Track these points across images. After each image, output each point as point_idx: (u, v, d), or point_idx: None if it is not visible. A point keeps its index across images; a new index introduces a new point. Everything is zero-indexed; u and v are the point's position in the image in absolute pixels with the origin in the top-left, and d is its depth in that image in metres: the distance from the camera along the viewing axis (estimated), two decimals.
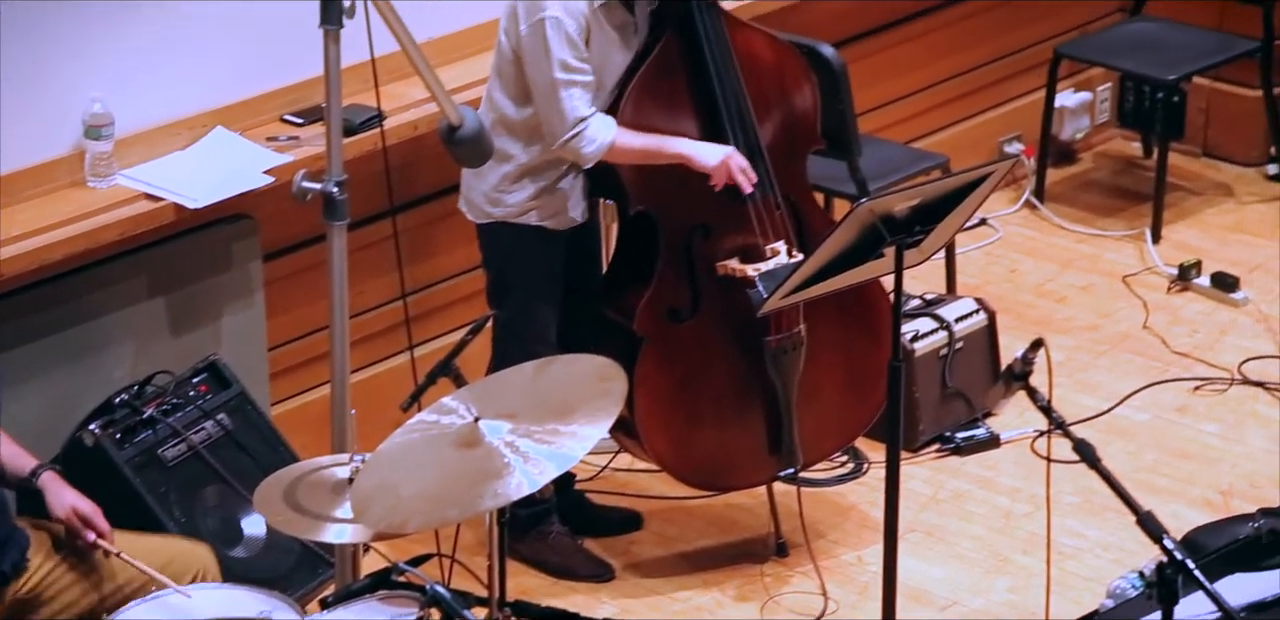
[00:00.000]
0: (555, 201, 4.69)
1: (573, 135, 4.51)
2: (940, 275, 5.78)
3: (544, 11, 4.44)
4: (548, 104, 4.51)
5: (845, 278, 4.33)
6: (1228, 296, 5.91)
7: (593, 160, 4.57)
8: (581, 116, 4.50)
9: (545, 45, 4.45)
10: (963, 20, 6.34)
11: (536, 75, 4.50)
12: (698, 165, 4.59)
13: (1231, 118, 6.60)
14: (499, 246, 4.75)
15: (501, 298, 4.78)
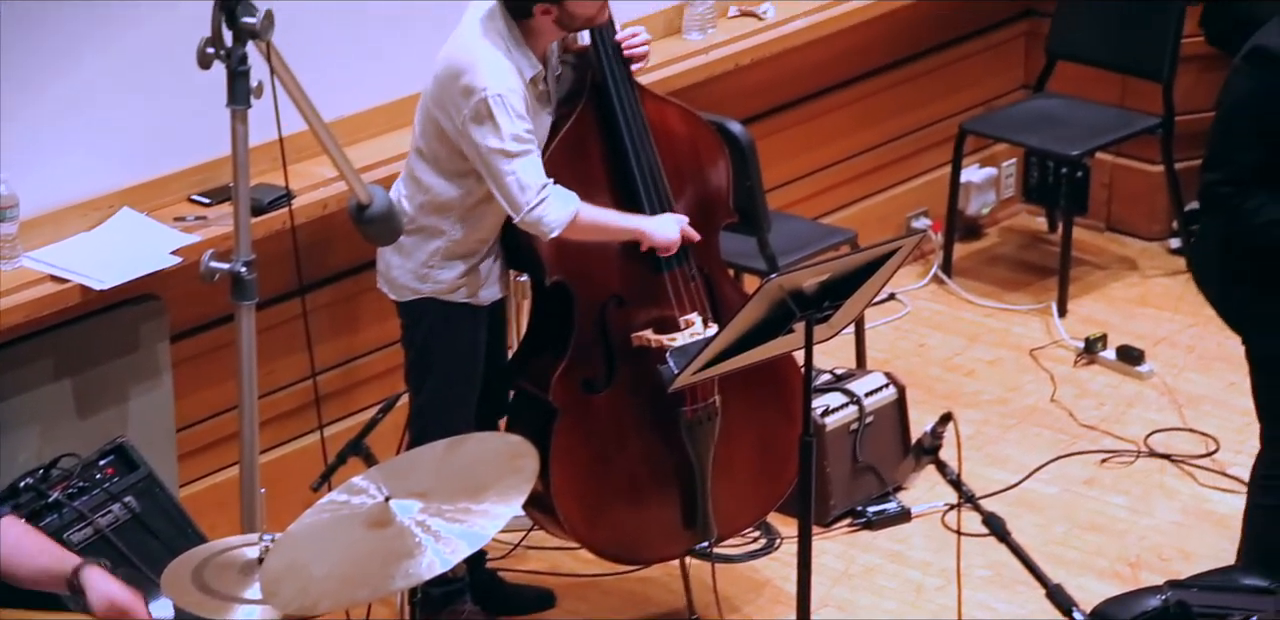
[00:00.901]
0: (481, 277, 4.68)
1: (537, 204, 4.47)
2: (850, 350, 5.81)
3: (484, 90, 4.42)
4: (505, 180, 4.47)
5: (756, 353, 4.34)
6: (1133, 369, 5.97)
7: (556, 231, 4.51)
8: (543, 184, 4.48)
9: (495, 122, 4.42)
10: (869, 97, 6.40)
11: (488, 154, 4.46)
12: (658, 242, 4.60)
13: (1134, 193, 6.68)
14: (425, 324, 4.72)
15: (423, 377, 4.76)
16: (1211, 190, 4.38)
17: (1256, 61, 4.29)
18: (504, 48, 4.47)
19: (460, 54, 4.48)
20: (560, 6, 4.44)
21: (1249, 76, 4.31)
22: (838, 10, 6.06)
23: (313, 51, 4.82)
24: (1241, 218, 4.35)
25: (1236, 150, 4.34)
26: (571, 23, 4.49)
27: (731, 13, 5.94)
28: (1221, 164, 4.36)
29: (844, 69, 6.29)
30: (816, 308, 4.26)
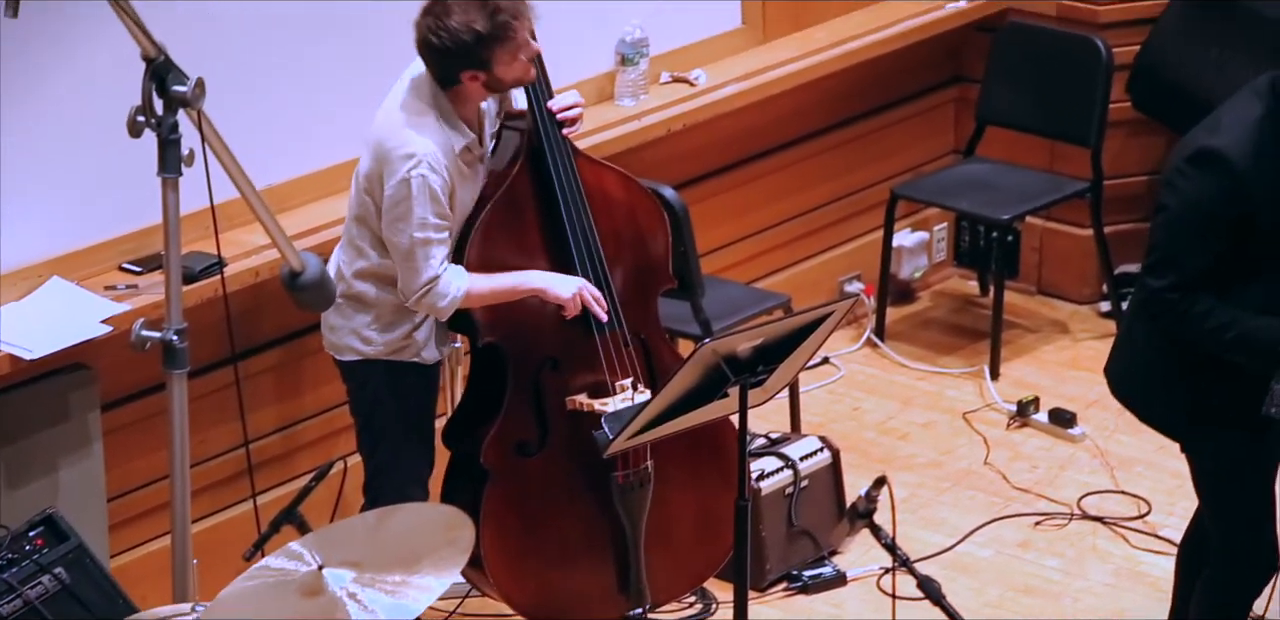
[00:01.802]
0: (421, 340, 4.68)
1: (425, 292, 4.51)
2: (784, 414, 5.82)
3: (412, 170, 4.43)
4: (404, 261, 4.51)
5: (691, 418, 4.35)
6: (1066, 432, 5.99)
7: (448, 313, 4.58)
8: (435, 275, 4.51)
9: (409, 204, 4.44)
10: (801, 162, 6.44)
11: (394, 232, 4.49)
12: (552, 297, 4.61)
13: (1064, 256, 6.73)
14: (370, 387, 4.71)
15: (374, 441, 4.74)
16: (1157, 297, 4.27)
17: (1200, 163, 4.21)
18: (433, 119, 4.49)
19: (388, 129, 4.49)
20: (488, 72, 4.45)
21: (1196, 180, 4.21)
22: (769, 76, 6.10)
23: (245, 119, 4.82)
24: (1190, 323, 4.27)
25: (1183, 254, 4.24)
26: (500, 85, 4.51)
27: (663, 79, 5.98)
28: (1168, 269, 4.25)
29: (776, 134, 6.33)
30: (751, 372, 4.27)
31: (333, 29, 4.55)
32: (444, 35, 4.37)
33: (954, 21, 6.57)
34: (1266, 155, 4.19)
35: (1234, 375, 4.34)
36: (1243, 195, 4.18)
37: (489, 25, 4.37)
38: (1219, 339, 4.26)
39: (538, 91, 4.67)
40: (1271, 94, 4.23)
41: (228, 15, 4.92)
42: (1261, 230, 4.23)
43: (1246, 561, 4.52)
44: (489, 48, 4.40)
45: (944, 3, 6.58)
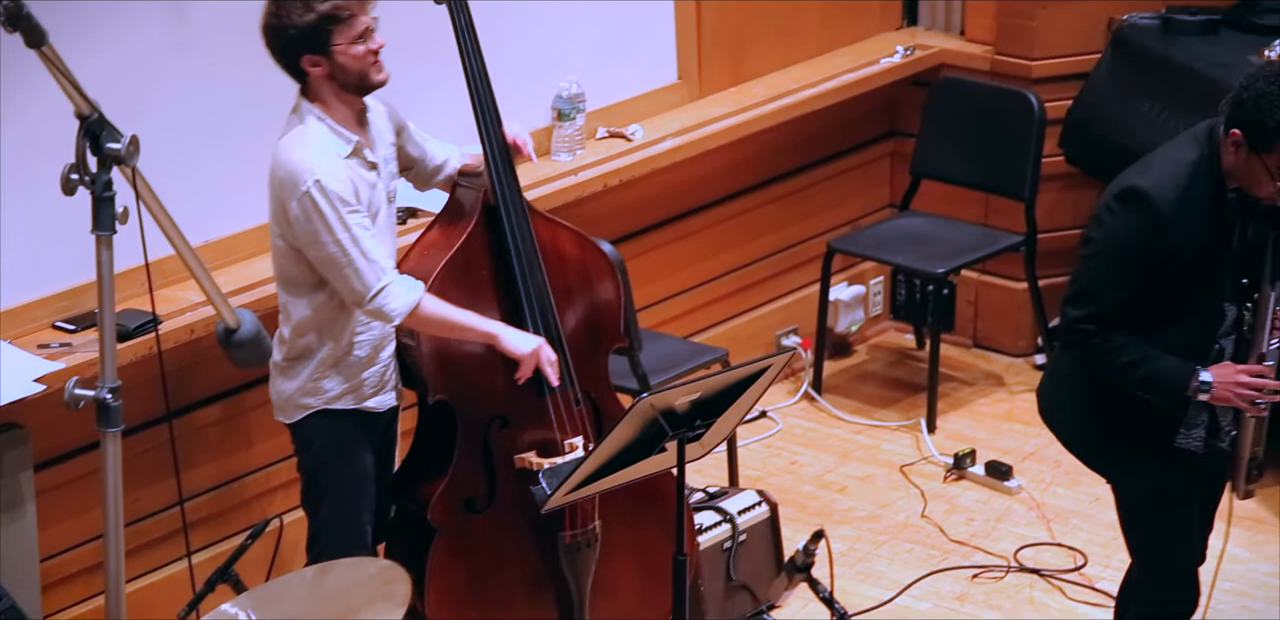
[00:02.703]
0: (369, 385, 4.64)
1: (378, 291, 4.44)
2: (722, 468, 5.82)
3: (304, 184, 4.39)
4: (342, 270, 4.43)
5: (629, 473, 4.34)
6: (1002, 485, 6.01)
7: (401, 317, 4.48)
8: (382, 268, 4.45)
9: (318, 213, 4.38)
10: (738, 216, 6.46)
11: (318, 248, 4.42)
12: (506, 348, 4.57)
13: (999, 309, 6.76)
14: (315, 446, 4.67)
15: (318, 499, 4.70)
16: (1073, 327, 4.36)
17: (1128, 202, 4.27)
18: (310, 130, 4.45)
19: (277, 152, 4.47)
20: (329, 59, 4.41)
21: (1121, 217, 4.28)
22: (705, 131, 6.13)
23: (182, 175, 4.82)
24: (1103, 357, 4.35)
25: (1103, 289, 4.32)
26: (346, 78, 4.44)
27: (600, 134, 6.00)
28: (1087, 302, 4.34)
29: (713, 189, 6.36)
30: (688, 426, 4.27)
31: (268, 85, 4.54)
32: (283, 15, 4.37)
33: (889, 76, 6.62)
34: (1194, 199, 4.25)
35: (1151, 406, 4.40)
36: (1164, 236, 4.25)
37: (328, 6, 4.37)
38: (1129, 375, 4.35)
39: (493, 148, 4.65)
40: (1208, 140, 4.28)
41: (162, 70, 4.91)
42: (1181, 273, 4.30)
43: (1167, 596, 4.55)
44: (327, 29, 4.37)
45: (879, 57, 6.63)
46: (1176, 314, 4.34)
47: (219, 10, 4.97)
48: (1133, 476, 4.52)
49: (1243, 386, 4.31)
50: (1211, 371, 4.31)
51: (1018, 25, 6.52)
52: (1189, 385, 4.31)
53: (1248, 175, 4.23)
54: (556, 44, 5.83)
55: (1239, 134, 4.19)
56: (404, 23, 4.87)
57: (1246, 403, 4.33)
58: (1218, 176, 4.26)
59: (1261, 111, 4.14)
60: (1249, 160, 4.20)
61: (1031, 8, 6.48)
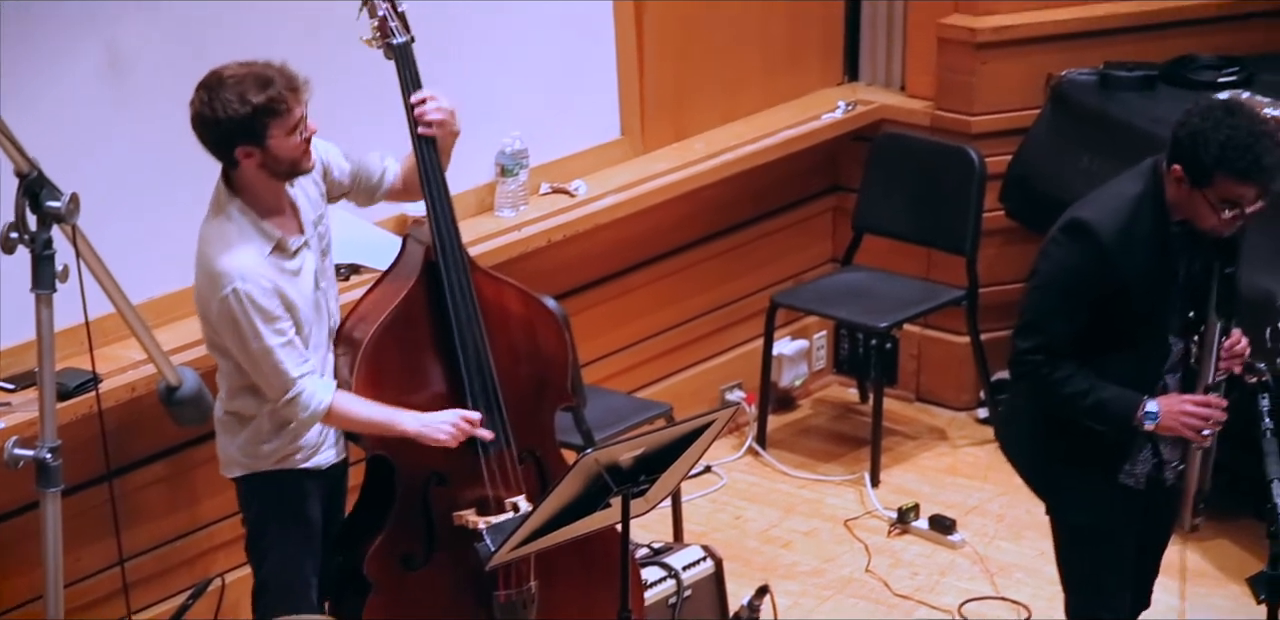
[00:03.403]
0: (309, 445, 4.62)
1: (290, 397, 4.47)
2: (667, 523, 5.81)
3: (225, 287, 4.39)
4: (257, 373, 4.46)
5: (573, 528, 4.34)
6: (945, 538, 6.02)
7: (310, 425, 4.53)
8: (294, 377, 4.46)
9: (235, 321, 4.39)
10: (682, 271, 6.48)
11: (237, 349, 4.45)
12: (429, 442, 4.57)
13: (942, 363, 6.79)
14: (258, 500, 4.65)
15: (262, 554, 4.68)
16: (1021, 358, 4.44)
17: (1073, 233, 4.36)
18: (233, 229, 4.43)
19: (201, 245, 4.45)
20: (262, 150, 4.39)
21: (1065, 247, 4.38)
22: (648, 187, 6.15)
23: (123, 233, 4.80)
24: (1050, 387, 4.43)
25: (1050, 320, 4.40)
26: (278, 167, 4.43)
27: (543, 190, 6.01)
28: (1034, 333, 4.42)
29: (656, 244, 6.37)
30: (633, 482, 4.28)
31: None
32: (218, 107, 4.33)
33: (831, 132, 6.66)
34: (1138, 231, 4.33)
35: (1099, 437, 4.44)
36: (1109, 268, 4.32)
37: (263, 98, 4.34)
38: (1076, 405, 4.41)
39: (436, 205, 4.65)
40: (1153, 174, 4.37)
41: (102, 128, 4.91)
42: (1128, 305, 4.36)
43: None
44: (263, 121, 4.35)
45: (820, 113, 6.67)
46: (1124, 347, 4.41)
47: (158, 67, 4.97)
48: (1071, 507, 4.58)
49: (1189, 415, 4.38)
50: (1158, 401, 4.37)
51: (957, 81, 6.57)
52: (1135, 415, 4.37)
53: (1191, 208, 4.31)
54: (499, 100, 5.84)
55: (1179, 169, 4.28)
56: (350, 79, 4.88)
57: (1192, 432, 4.38)
58: (1162, 209, 4.34)
59: (1197, 147, 4.23)
60: (1191, 194, 4.29)
61: (971, 63, 6.53)
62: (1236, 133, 4.21)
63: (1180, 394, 4.43)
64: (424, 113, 4.63)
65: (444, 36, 5.45)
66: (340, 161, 4.68)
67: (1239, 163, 4.21)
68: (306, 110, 4.41)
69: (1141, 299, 4.36)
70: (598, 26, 6.11)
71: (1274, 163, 4.25)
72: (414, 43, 4.65)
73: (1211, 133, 4.22)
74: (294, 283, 4.49)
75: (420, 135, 4.64)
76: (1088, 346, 4.41)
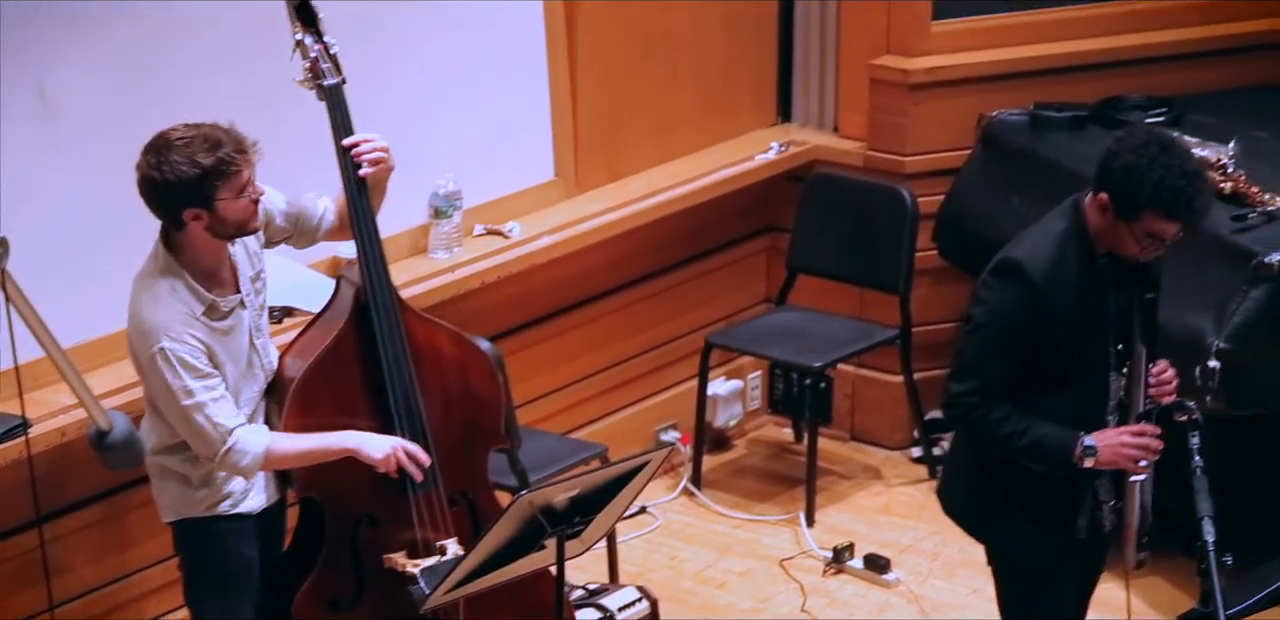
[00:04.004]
0: (239, 491, 4.60)
1: (225, 451, 4.46)
2: (602, 564, 5.80)
3: (152, 346, 4.38)
4: (187, 429, 4.46)
5: (508, 570, 4.33)
6: (880, 577, 6.03)
7: (254, 471, 4.52)
8: (228, 429, 4.45)
9: (163, 376, 4.39)
10: (616, 312, 6.48)
11: (165, 404, 4.45)
12: (364, 457, 4.56)
13: (876, 403, 6.81)
14: (192, 545, 4.63)
15: (199, 597, 4.65)
16: (956, 400, 4.44)
17: (1003, 275, 4.38)
18: (166, 288, 4.42)
19: (132, 301, 4.45)
20: (210, 212, 4.38)
21: (996, 289, 4.39)
22: (582, 228, 6.16)
23: (51, 277, 4.78)
24: (986, 429, 4.42)
25: (985, 362, 4.40)
26: (224, 229, 4.42)
27: (477, 231, 6.01)
28: (969, 375, 4.41)
29: (590, 285, 6.38)
30: (567, 523, 4.27)
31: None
32: (166, 170, 4.32)
33: (764, 172, 6.68)
34: (1066, 267, 4.35)
35: (1039, 481, 4.45)
36: (1040, 306, 4.34)
37: (212, 160, 4.34)
38: (1013, 446, 4.41)
39: (366, 248, 4.65)
40: (1074, 210, 4.39)
41: (33, 171, 4.89)
42: (1061, 343, 4.37)
43: None
44: (211, 183, 4.34)
45: (754, 154, 6.70)
46: (1064, 388, 4.42)
47: (93, 110, 4.96)
48: (1012, 550, 4.57)
49: (1127, 447, 4.38)
50: (1094, 436, 4.38)
51: (889, 121, 6.61)
52: (1074, 452, 4.37)
53: (1113, 237, 4.34)
54: (433, 141, 5.85)
55: (1106, 198, 4.30)
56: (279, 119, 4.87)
57: (1132, 463, 4.39)
58: (1086, 243, 4.36)
59: (1131, 184, 4.25)
60: (1115, 224, 4.31)
61: (903, 104, 6.57)
62: (1170, 173, 4.23)
63: (1116, 427, 4.45)
64: (361, 154, 4.63)
65: (377, 78, 5.46)
66: (282, 207, 4.68)
67: (1171, 203, 4.24)
68: (254, 171, 4.40)
69: (1075, 336, 4.37)
70: (531, 67, 6.12)
71: (1204, 205, 4.28)
72: (346, 84, 4.65)
73: (1146, 171, 4.23)
74: (224, 342, 4.49)
75: (358, 177, 4.63)
76: (1028, 389, 4.40)
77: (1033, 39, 6.68)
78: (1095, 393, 4.44)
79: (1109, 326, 4.40)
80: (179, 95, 4.82)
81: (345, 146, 4.64)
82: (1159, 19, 6.78)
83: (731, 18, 6.66)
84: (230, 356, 4.50)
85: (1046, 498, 4.48)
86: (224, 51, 5.22)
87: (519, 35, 6.06)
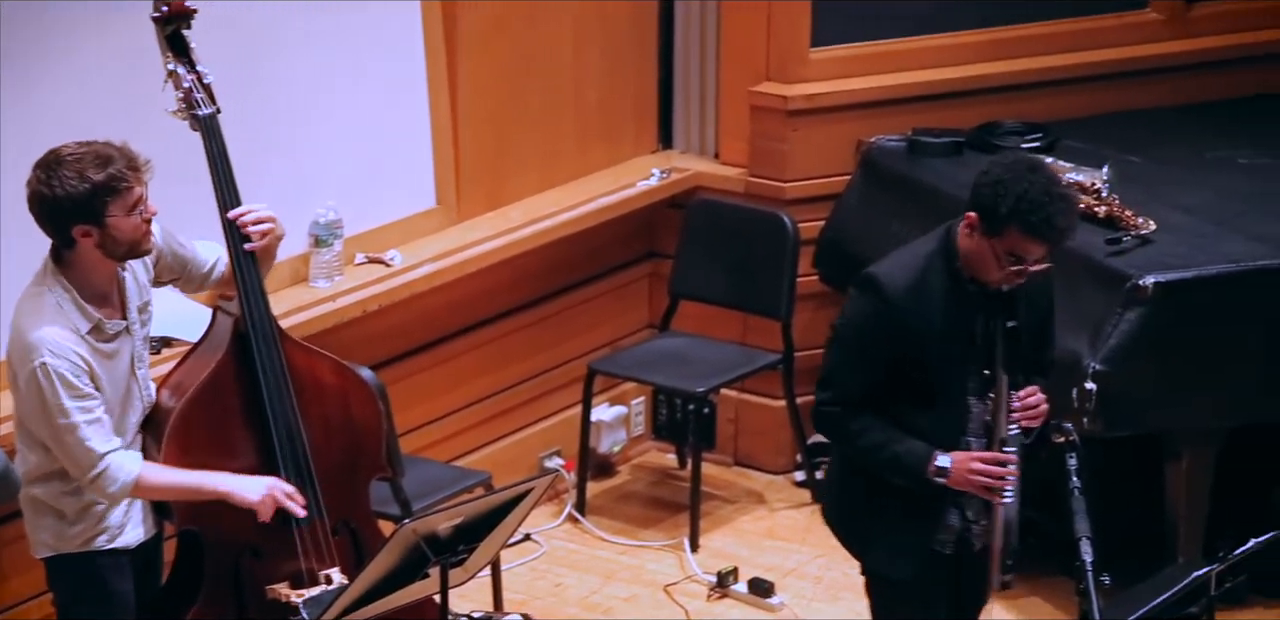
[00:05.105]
0: (114, 525, 4.56)
1: (96, 474, 4.41)
2: (486, 592, 5.79)
3: (33, 361, 4.34)
4: (61, 449, 4.42)
5: (392, 599, 4.32)
6: (764, 602, 6.04)
7: (121, 498, 4.48)
8: (100, 454, 4.40)
9: (41, 395, 4.35)
10: (499, 339, 6.48)
11: (39, 425, 4.40)
12: (238, 501, 4.53)
13: (759, 427, 6.83)
14: (65, 581, 4.58)
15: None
16: (820, 410, 4.51)
17: (862, 288, 4.46)
18: (53, 304, 4.39)
19: (16, 318, 4.41)
20: (101, 229, 4.35)
21: (856, 302, 4.47)
22: (464, 255, 6.15)
23: None
24: (847, 439, 4.49)
25: (843, 372, 4.48)
26: (116, 248, 4.39)
27: (358, 260, 6.00)
28: (830, 385, 4.50)
29: (473, 312, 6.37)
30: (451, 551, 4.27)
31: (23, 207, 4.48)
32: (56, 185, 4.29)
33: (646, 199, 6.71)
34: (928, 286, 4.42)
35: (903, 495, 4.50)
36: (896, 320, 4.40)
37: (104, 176, 4.31)
38: (873, 457, 4.48)
39: (245, 276, 4.62)
40: (946, 233, 4.46)
41: None
42: (923, 364, 4.42)
43: None
44: (102, 199, 4.31)
45: (635, 180, 6.72)
46: (928, 406, 4.47)
47: None
48: (882, 561, 4.61)
49: (976, 473, 4.42)
50: (950, 456, 4.42)
51: (769, 148, 6.66)
52: (927, 469, 4.42)
53: (978, 260, 4.39)
54: (313, 170, 5.83)
55: (974, 217, 4.36)
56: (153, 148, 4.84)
57: (984, 489, 4.43)
58: (954, 267, 4.41)
59: (997, 197, 4.32)
60: (980, 243, 4.36)
61: (782, 131, 6.62)
62: (1034, 189, 4.30)
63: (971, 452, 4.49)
64: (245, 224, 4.61)
65: (253, 107, 5.45)
66: (175, 248, 4.64)
67: (1032, 217, 4.30)
68: (147, 191, 4.37)
69: (936, 358, 4.42)
70: (412, 96, 6.12)
71: (1066, 225, 4.34)
72: (220, 114, 4.63)
73: (1012, 184, 4.30)
74: (107, 366, 4.45)
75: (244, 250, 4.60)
76: (896, 403, 4.46)
77: (910, 66, 6.75)
78: (954, 415, 4.49)
79: (976, 352, 4.45)
80: (48, 124, 4.77)
81: (230, 219, 4.61)
82: (1032, 46, 6.87)
83: (612, 45, 6.69)
84: (111, 381, 4.46)
85: (910, 512, 4.53)
86: (97, 78, 5.17)
87: (399, 63, 6.06)
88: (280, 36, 5.67)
